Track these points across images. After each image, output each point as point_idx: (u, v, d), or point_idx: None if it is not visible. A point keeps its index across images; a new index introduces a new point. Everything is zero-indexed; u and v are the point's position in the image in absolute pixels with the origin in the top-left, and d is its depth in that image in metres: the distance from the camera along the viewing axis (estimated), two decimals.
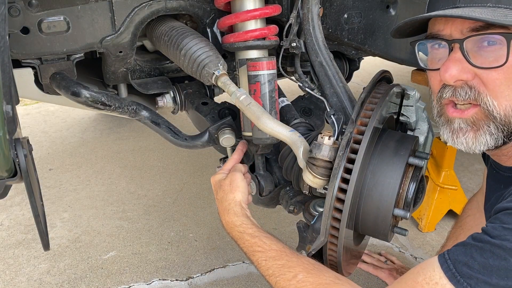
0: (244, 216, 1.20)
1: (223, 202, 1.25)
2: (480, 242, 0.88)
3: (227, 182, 1.26)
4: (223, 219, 1.24)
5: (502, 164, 1.12)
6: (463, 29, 0.95)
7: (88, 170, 2.97)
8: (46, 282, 1.95)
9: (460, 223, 1.70)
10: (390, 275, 1.86)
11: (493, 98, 0.94)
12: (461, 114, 1.00)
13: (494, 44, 0.93)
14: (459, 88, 0.98)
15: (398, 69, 2.51)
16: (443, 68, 0.97)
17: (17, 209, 2.51)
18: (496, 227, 0.87)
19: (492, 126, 0.97)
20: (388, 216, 1.09)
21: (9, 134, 0.95)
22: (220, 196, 1.27)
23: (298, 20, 1.29)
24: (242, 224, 1.18)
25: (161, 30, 1.32)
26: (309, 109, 1.60)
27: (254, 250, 1.13)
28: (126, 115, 1.36)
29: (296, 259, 1.07)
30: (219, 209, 1.27)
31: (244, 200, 1.24)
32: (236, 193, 1.23)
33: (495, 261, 0.84)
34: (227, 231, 1.24)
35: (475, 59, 0.94)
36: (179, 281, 1.94)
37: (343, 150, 1.05)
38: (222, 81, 1.19)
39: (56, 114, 4.04)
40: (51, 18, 1.18)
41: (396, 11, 1.54)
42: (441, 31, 0.99)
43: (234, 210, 1.21)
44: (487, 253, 0.85)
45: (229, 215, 1.22)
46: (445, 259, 0.91)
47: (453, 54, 0.96)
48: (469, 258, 0.87)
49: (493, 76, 0.93)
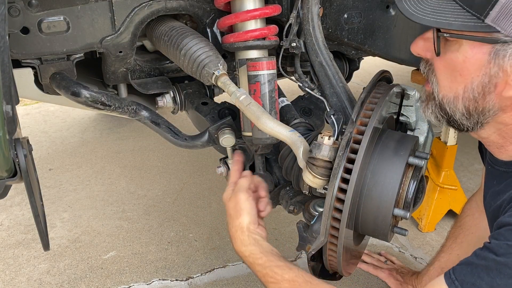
0: (252, 244, 1.16)
1: (231, 228, 1.21)
2: (485, 260, 0.89)
3: (232, 206, 1.21)
4: (234, 247, 1.21)
5: (498, 158, 1.12)
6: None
7: (88, 170, 2.97)
8: (46, 282, 1.95)
9: (460, 223, 1.70)
10: (390, 275, 1.86)
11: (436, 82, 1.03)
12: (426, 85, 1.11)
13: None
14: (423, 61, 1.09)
15: (398, 69, 2.50)
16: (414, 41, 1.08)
17: (17, 209, 2.51)
18: (501, 245, 0.88)
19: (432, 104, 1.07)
20: (388, 216, 1.09)
21: (9, 134, 0.95)
22: (228, 221, 1.23)
23: (298, 20, 1.29)
24: (251, 254, 1.15)
25: (161, 30, 1.32)
26: (309, 109, 1.60)
27: (267, 281, 1.12)
28: (126, 115, 1.36)
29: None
30: (229, 235, 1.23)
31: (252, 221, 1.18)
32: (241, 218, 1.18)
33: (502, 279, 0.85)
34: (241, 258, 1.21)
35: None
36: (179, 281, 1.94)
37: (343, 150, 1.05)
38: (222, 81, 1.19)
39: (56, 114, 4.03)
40: (51, 18, 1.18)
41: (396, 11, 1.54)
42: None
43: (241, 239, 1.17)
44: (493, 272, 0.86)
45: (236, 244, 1.18)
46: (452, 280, 0.91)
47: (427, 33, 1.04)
48: (476, 278, 0.88)
49: (438, 63, 1.02)
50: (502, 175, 1.10)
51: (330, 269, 1.22)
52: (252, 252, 1.15)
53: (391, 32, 1.57)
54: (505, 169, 1.10)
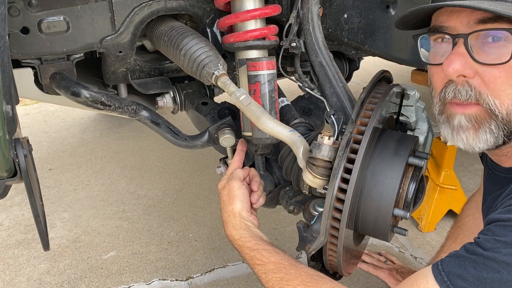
0: (243, 229, 1.18)
1: (223, 214, 1.24)
2: (473, 254, 0.89)
3: (225, 193, 1.24)
4: (225, 231, 1.23)
5: (502, 165, 1.11)
6: (470, 21, 0.93)
7: (88, 170, 2.97)
8: (46, 282, 1.95)
9: (459, 223, 1.70)
10: (390, 275, 1.86)
11: (494, 97, 0.94)
12: (463, 109, 0.99)
13: (498, 40, 0.92)
14: (460, 86, 0.97)
15: (398, 69, 2.51)
16: (446, 62, 0.97)
17: (17, 209, 2.51)
18: (488, 239, 0.88)
19: (494, 125, 0.96)
20: (388, 216, 1.09)
21: (9, 134, 0.95)
22: (222, 208, 1.25)
23: (298, 20, 1.29)
24: (241, 237, 1.17)
25: (161, 30, 1.32)
26: (309, 109, 1.60)
27: (254, 263, 1.13)
28: (126, 115, 1.36)
29: (294, 271, 1.07)
30: (222, 220, 1.26)
31: (245, 208, 1.21)
32: (234, 204, 1.21)
33: (488, 273, 0.85)
34: (230, 242, 1.23)
35: (478, 55, 0.93)
36: (179, 281, 1.94)
37: (343, 150, 1.05)
38: (222, 81, 1.19)
39: (56, 114, 4.04)
40: (51, 18, 1.18)
41: (396, 11, 1.54)
42: (445, 23, 0.98)
43: (233, 223, 1.20)
44: (480, 265, 0.86)
45: (228, 228, 1.21)
46: (439, 271, 0.91)
47: (457, 48, 0.95)
48: (463, 270, 0.88)
49: (494, 74, 0.92)
50: (504, 180, 1.09)
51: (330, 269, 1.22)
52: (242, 236, 1.17)
53: (391, 32, 1.57)
54: (505, 175, 1.10)
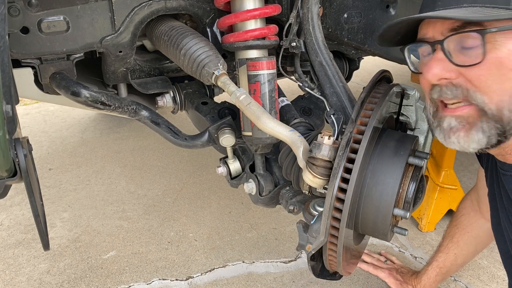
0: None
1: None
2: None
3: None
4: None
5: (510, 163, 1.11)
6: (443, 31, 0.97)
7: (88, 170, 2.97)
8: (46, 282, 1.95)
9: (455, 222, 1.71)
10: (390, 274, 1.86)
11: (482, 94, 0.95)
12: (452, 112, 1.00)
13: (472, 41, 0.94)
14: (444, 87, 0.99)
15: (398, 69, 2.51)
16: (425, 68, 1.00)
17: (17, 209, 2.51)
18: None
19: (485, 123, 0.97)
20: (388, 215, 1.09)
21: (9, 134, 0.95)
22: None
23: (298, 19, 1.29)
24: None
25: (161, 30, 1.32)
26: (309, 109, 1.60)
27: None
28: (126, 115, 1.36)
29: None
30: None
31: None
32: None
33: None
34: None
35: (457, 58, 0.96)
36: (179, 281, 1.94)
37: (343, 149, 1.05)
38: (222, 81, 1.19)
39: (56, 114, 4.04)
40: (51, 18, 1.18)
41: (396, 11, 1.54)
42: (426, 35, 1.02)
43: None
44: None
45: None
46: None
47: (436, 55, 0.98)
48: None
49: (476, 73, 0.94)
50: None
51: (330, 269, 1.22)
52: None
53: None
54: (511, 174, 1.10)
